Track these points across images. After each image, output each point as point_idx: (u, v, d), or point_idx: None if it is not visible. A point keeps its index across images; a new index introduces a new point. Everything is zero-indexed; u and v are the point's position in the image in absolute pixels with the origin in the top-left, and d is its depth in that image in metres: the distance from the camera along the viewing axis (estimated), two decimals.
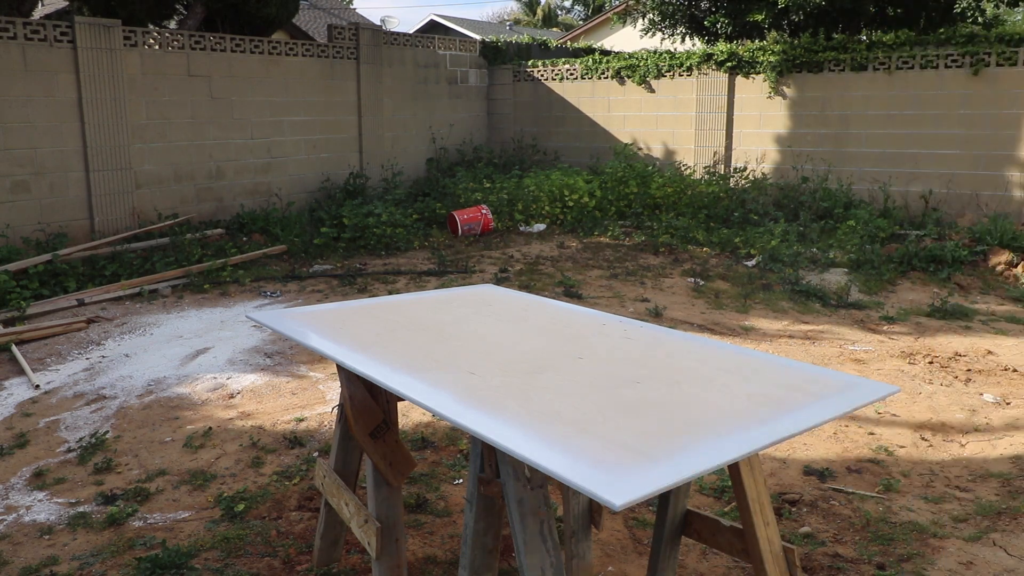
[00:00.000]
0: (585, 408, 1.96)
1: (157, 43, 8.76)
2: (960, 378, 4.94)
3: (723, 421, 1.89)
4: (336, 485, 2.75)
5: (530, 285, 7.21)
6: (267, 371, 5.20)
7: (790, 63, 9.92)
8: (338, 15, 22.69)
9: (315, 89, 10.30)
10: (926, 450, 3.97)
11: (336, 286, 7.43)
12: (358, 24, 11.21)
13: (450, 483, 3.64)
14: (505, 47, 12.86)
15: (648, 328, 2.74)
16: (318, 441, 4.12)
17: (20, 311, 6.22)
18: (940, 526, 3.21)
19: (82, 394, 4.80)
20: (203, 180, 9.32)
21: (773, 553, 2.20)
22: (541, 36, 18.77)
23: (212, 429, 4.26)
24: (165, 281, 7.30)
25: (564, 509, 2.69)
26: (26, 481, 3.69)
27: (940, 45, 9.03)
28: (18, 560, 3.02)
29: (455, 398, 2.03)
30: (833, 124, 9.74)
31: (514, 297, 3.25)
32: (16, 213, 7.81)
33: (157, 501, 3.50)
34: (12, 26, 7.65)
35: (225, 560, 2.99)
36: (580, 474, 1.60)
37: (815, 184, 9.63)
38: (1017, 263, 7.47)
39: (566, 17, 39.13)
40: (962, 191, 8.98)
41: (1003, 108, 8.65)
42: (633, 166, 10.58)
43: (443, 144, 12.15)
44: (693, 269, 7.84)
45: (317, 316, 2.90)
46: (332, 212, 9.63)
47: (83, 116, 8.17)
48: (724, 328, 6.05)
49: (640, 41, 14.02)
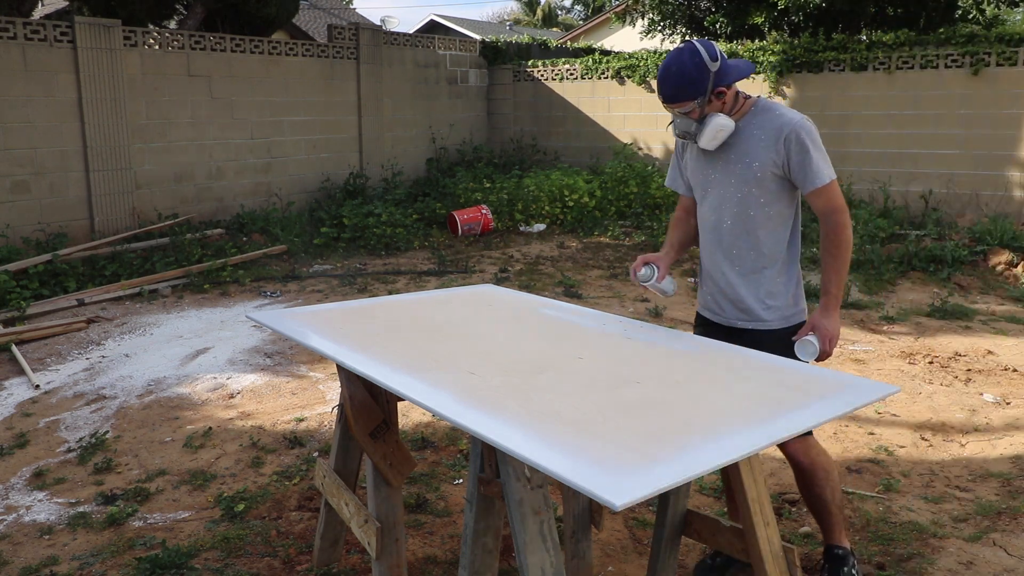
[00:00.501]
0: (585, 408, 1.96)
1: (157, 43, 8.76)
2: (960, 378, 4.94)
3: (723, 421, 1.89)
4: (336, 485, 2.75)
5: (530, 285, 7.21)
6: (267, 371, 5.20)
7: (790, 63, 9.92)
8: (338, 15, 22.69)
9: (315, 89, 10.30)
10: (926, 450, 3.97)
11: (336, 286, 7.43)
12: (358, 24, 11.21)
13: (450, 483, 3.64)
14: (505, 47, 12.86)
15: (648, 328, 2.74)
16: (318, 441, 4.12)
17: (20, 311, 6.22)
18: (940, 526, 3.21)
19: (82, 394, 4.80)
20: (203, 180, 9.33)
21: (773, 553, 2.20)
22: (541, 36, 18.77)
23: (212, 429, 4.27)
24: (165, 281, 7.30)
25: (564, 509, 2.69)
26: (26, 481, 3.69)
27: (940, 45, 9.03)
28: (18, 560, 3.02)
29: (455, 398, 2.03)
30: (833, 124, 9.74)
31: (514, 297, 3.25)
32: (16, 213, 7.81)
33: (157, 501, 3.50)
34: (12, 26, 7.65)
35: (225, 560, 2.99)
36: (580, 474, 1.60)
37: None
38: (1017, 263, 7.47)
39: (566, 17, 39.13)
40: (962, 191, 8.98)
41: (1003, 108, 8.65)
42: (633, 166, 10.58)
43: (443, 144, 12.15)
44: (693, 269, 7.84)
45: (317, 316, 2.90)
46: (332, 212, 9.63)
47: (83, 116, 8.17)
48: None
49: (640, 41, 14.02)
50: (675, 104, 2.55)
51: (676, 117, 2.60)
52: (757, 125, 2.58)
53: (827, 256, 2.56)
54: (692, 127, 2.57)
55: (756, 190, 2.58)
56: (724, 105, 2.57)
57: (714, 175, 2.67)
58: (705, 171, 2.71)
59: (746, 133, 2.58)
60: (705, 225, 2.74)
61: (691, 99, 2.52)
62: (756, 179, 2.57)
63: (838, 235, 2.53)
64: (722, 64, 2.51)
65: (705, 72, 2.49)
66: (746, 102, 2.63)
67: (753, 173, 2.57)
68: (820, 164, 2.50)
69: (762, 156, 2.55)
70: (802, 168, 2.51)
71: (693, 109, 2.53)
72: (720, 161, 2.64)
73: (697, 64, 2.48)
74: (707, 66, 2.48)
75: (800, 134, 2.49)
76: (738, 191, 2.61)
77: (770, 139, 2.54)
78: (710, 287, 2.77)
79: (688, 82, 2.49)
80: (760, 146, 2.55)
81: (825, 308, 2.55)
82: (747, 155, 2.57)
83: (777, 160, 2.53)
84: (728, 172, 2.62)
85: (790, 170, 2.53)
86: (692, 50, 2.49)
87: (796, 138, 2.49)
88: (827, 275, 2.56)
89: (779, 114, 2.56)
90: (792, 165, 2.52)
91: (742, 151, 2.58)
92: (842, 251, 2.54)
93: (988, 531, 3.17)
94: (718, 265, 2.71)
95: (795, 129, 2.50)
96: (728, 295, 2.70)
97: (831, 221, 2.53)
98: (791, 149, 2.50)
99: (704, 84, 2.49)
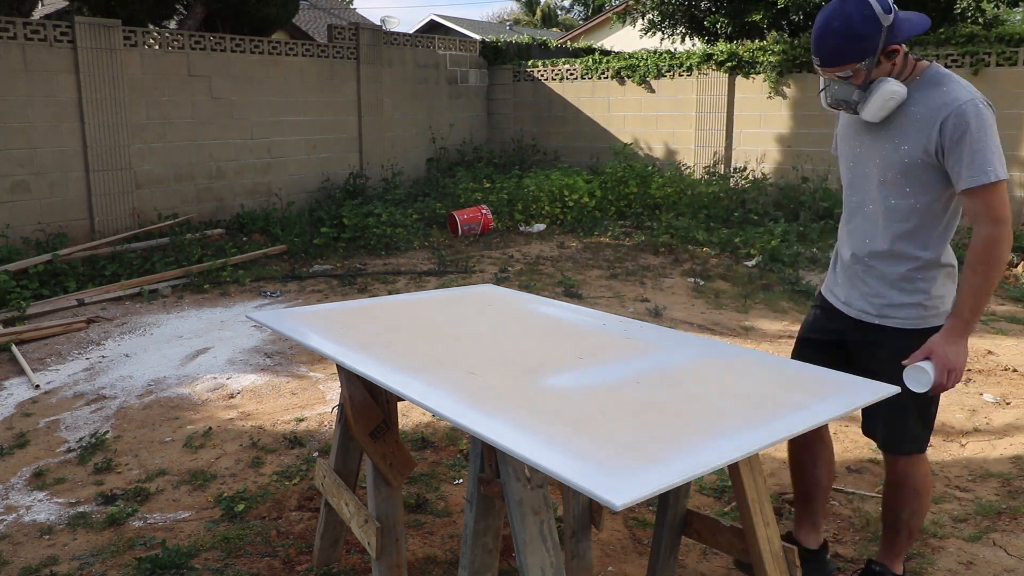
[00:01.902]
0: (585, 408, 1.96)
1: (157, 43, 8.76)
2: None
3: (723, 421, 1.89)
4: (336, 485, 2.75)
5: (530, 285, 7.21)
6: (267, 371, 5.20)
7: (790, 63, 9.92)
8: (338, 15, 22.69)
9: (315, 89, 10.31)
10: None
11: (336, 286, 7.43)
12: (358, 24, 11.22)
13: (450, 483, 3.64)
14: (505, 47, 12.86)
15: (648, 328, 2.74)
16: (318, 441, 4.12)
17: (20, 311, 6.22)
18: (940, 526, 3.21)
19: (82, 394, 4.80)
20: (203, 180, 9.33)
21: (773, 553, 2.20)
22: (541, 36, 18.77)
23: (212, 429, 4.27)
24: (165, 281, 7.30)
25: (564, 509, 2.69)
26: (26, 481, 3.69)
27: (940, 45, 9.03)
28: (18, 560, 3.02)
29: (455, 398, 2.03)
30: (833, 124, 9.70)
31: (514, 297, 3.25)
32: (16, 213, 7.81)
33: (157, 501, 3.50)
34: (12, 26, 7.65)
35: (225, 560, 2.99)
36: (580, 474, 1.60)
37: (815, 184, 9.63)
38: (1017, 263, 7.47)
39: (566, 17, 39.14)
40: None
41: (1003, 108, 8.64)
42: (633, 166, 10.58)
43: (443, 144, 12.15)
44: (693, 269, 7.84)
45: (317, 316, 2.90)
46: (332, 212, 9.63)
47: (83, 116, 8.17)
48: (724, 328, 6.06)
49: (640, 41, 14.02)
50: (836, 67, 2.15)
51: (833, 83, 2.21)
52: (919, 100, 2.17)
53: (968, 272, 2.15)
54: (853, 94, 2.18)
55: (901, 177, 2.22)
56: (895, 67, 2.16)
57: (860, 149, 2.34)
58: (853, 144, 2.39)
59: (904, 107, 2.18)
60: (848, 206, 2.46)
61: (858, 60, 2.11)
62: (904, 164, 2.20)
63: (988, 251, 2.11)
64: (895, 17, 2.09)
65: (876, 26, 2.07)
66: (917, 65, 2.21)
67: (900, 158, 2.20)
68: (983, 158, 2.08)
69: (913, 139, 2.17)
70: (958, 159, 2.09)
71: (858, 71, 2.14)
72: (869, 135, 2.29)
73: (867, 17, 2.07)
74: (879, 19, 2.07)
75: (965, 117, 2.08)
76: (882, 174, 2.26)
77: (928, 119, 2.14)
78: (844, 280, 2.48)
79: (855, 39, 2.08)
80: (915, 126, 2.16)
81: (950, 332, 2.16)
82: (898, 134, 2.20)
83: (929, 147, 2.14)
84: (875, 149, 2.27)
85: (944, 159, 2.13)
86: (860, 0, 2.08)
87: (958, 122, 2.08)
88: (963, 294, 2.17)
89: (947, 90, 2.13)
90: (946, 154, 2.12)
91: (894, 129, 2.21)
92: (989, 270, 2.12)
93: (988, 531, 3.17)
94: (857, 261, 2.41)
95: (960, 110, 2.08)
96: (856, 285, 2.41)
97: (984, 232, 2.11)
98: (947, 134, 2.10)
99: (875, 41, 2.08)
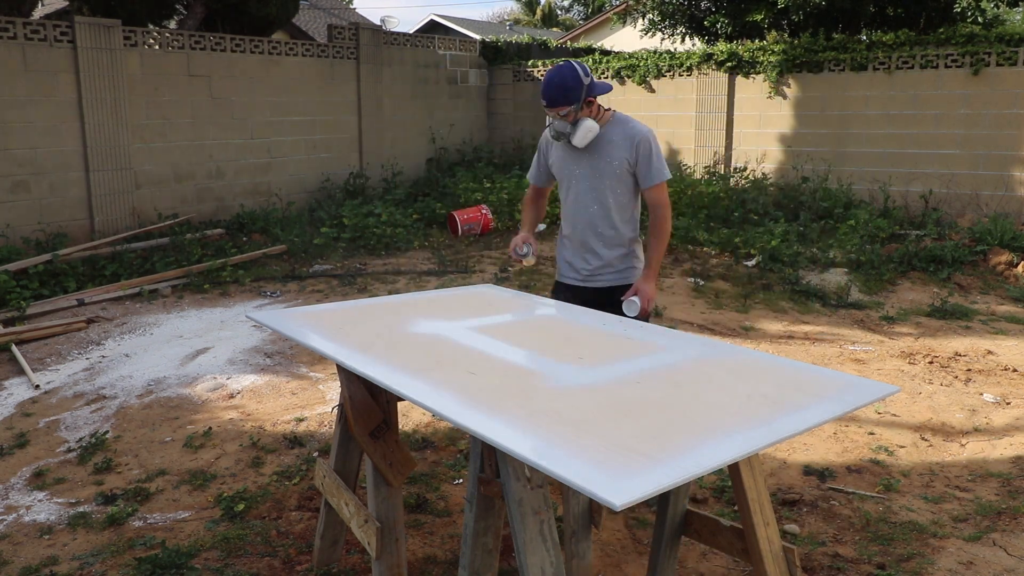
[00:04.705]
0: (585, 408, 1.96)
1: (157, 43, 8.76)
2: (960, 378, 4.94)
3: (723, 421, 1.89)
4: (336, 485, 2.75)
5: (530, 285, 7.21)
6: (267, 371, 5.20)
7: (790, 63, 9.91)
8: (338, 15, 22.68)
9: (315, 89, 10.30)
10: (926, 450, 3.97)
11: (336, 286, 7.43)
12: (358, 24, 11.21)
13: (450, 483, 3.64)
14: (505, 47, 12.86)
15: (648, 328, 2.74)
16: (318, 441, 4.12)
17: (20, 311, 6.22)
18: (940, 526, 3.21)
19: (82, 394, 4.80)
20: (203, 180, 9.32)
21: (773, 553, 2.20)
22: (541, 36, 18.76)
23: (212, 429, 4.27)
24: (165, 281, 7.30)
25: (564, 509, 2.69)
26: (26, 481, 3.69)
27: (940, 45, 9.03)
28: (18, 560, 3.02)
29: (455, 398, 2.03)
30: (833, 124, 9.74)
31: (514, 297, 3.25)
32: (16, 213, 7.81)
33: (157, 501, 3.50)
34: (12, 26, 7.65)
35: (225, 560, 2.99)
36: (580, 474, 1.60)
37: (815, 184, 9.63)
38: (1017, 263, 7.47)
39: (566, 17, 39.11)
40: (962, 191, 8.98)
41: (1003, 108, 8.65)
42: None
43: (443, 144, 12.15)
44: (693, 269, 7.84)
45: (317, 316, 2.90)
46: (332, 212, 9.63)
47: (83, 116, 8.17)
48: (724, 328, 6.06)
49: (640, 41, 14.01)
50: (556, 108, 3.11)
51: (555, 120, 3.15)
52: (615, 132, 3.21)
53: (653, 238, 3.26)
54: (567, 128, 3.15)
55: (614, 182, 3.23)
56: (591, 112, 3.17)
57: (578, 170, 3.29)
58: (571, 167, 3.32)
59: (607, 138, 3.21)
60: (576, 209, 3.34)
61: (569, 104, 3.08)
62: (616, 174, 3.22)
63: (663, 224, 3.26)
64: (591, 80, 3.13)
65: (580, 84, 3.08)
66: (606, 113, 3.25)
67: (613, 169, 3.21)
68: (659, 166, 3.20)
69: (619, 156, 3.20)
70: (647, 168, 3.20)
71: (569, 112, 3.10)
72: (585, 158, 3.26)
73: (575, 77, 3.08)
74: (582, 79, 3.08)
75: (648, 141, 3.18)
76: (600, 183, 3.25)
77: (626, 143, 3.19)
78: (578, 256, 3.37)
79: (568, 90, 3.07)
80: (618, 148, 3.20)
81: (647, 276, 3.25)
82: (609, 155, 3.21)
83: (630, 159, 3.20)
84: (593, 167, 3.25)
85: (637, 168, 3.21)
86: (571, 66, 3.10)
87: (645, 144, 3.18)
88: (652, 252, 3.26)
89: (632, 125, 3.23)
90: (639, 165, 3.20)
91: (605, 151, 3.21)
92: (664, 236, 3.26)
93: (988, 531, 3.17)
94: (587, 241, 3.32)
95: (645, 137, 3.19)
96: (592, 261, 3.34)
97: (659, 213, 3.26)
98: (640, 153, 3.18)
99: (579, 93, 3.08)
